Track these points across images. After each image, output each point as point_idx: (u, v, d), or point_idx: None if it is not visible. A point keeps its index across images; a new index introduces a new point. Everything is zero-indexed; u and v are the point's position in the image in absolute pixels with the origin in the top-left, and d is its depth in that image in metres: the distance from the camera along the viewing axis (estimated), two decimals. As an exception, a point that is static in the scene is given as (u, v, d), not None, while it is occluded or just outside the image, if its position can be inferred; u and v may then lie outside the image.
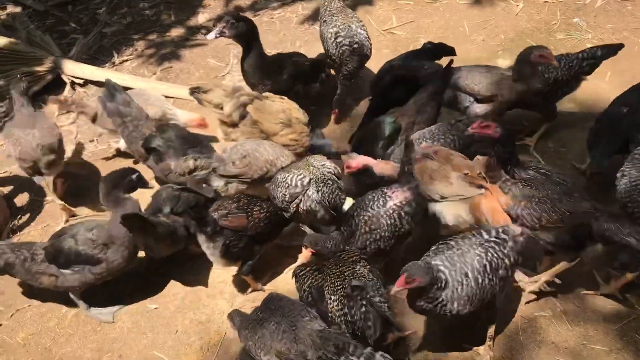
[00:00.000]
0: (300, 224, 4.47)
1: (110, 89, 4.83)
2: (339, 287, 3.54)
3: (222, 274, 4.44)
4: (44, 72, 6.20)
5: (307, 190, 4.14)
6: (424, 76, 4.92)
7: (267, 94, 4.88)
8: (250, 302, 4.24)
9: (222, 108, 4.70)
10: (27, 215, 5.10)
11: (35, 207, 5.16)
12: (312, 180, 4.16)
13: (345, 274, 3.59)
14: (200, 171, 4.34)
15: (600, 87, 5.29)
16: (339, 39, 5.11)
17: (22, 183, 5.32)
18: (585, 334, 3.84)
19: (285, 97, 4.90)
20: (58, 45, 6.64)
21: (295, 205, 4.17)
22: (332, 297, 3.55)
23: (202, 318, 4.23)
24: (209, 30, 6.84)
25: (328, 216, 4.21)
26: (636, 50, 5.63)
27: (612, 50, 4.75)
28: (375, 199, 3.94)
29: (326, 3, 5.38)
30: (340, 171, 4.34)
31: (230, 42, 6.57)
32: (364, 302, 3.41)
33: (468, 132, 4.01)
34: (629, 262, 4.02)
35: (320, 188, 4.15)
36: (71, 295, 4.27)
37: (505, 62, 5.72)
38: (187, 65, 6.40)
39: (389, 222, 3.85)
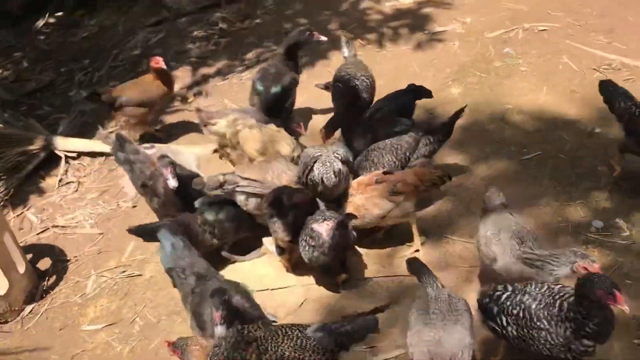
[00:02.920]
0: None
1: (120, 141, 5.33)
2: None
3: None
4: (37, 150, 6.53)
5: (314, 163, 4.76)
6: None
7: (270, 125, 5.53)
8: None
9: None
10: (54, 277, 5.37)
11: (59, 268, 5.43)
12: (320, 156, 4.77)
13: None
14: (228, 186, 4.82)
15: (541, 99, 6.24)
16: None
17: (42, 250, 5.62)
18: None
19: (282, 130, 5.55)
20: (43, 126, 6.98)
21: (305, 176, 4.79)
22: None
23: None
24: (183, 98, 7.44)
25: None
26: (560, 68, 6.68)
27: None
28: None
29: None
30: (350, 158, 4.96)
31: (209, 104, 7.18)
32: None
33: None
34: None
35: (317, 167, 4.73)
36: None
37: (457, 90, 6.65)
38: (172, 129, 6.91)
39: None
